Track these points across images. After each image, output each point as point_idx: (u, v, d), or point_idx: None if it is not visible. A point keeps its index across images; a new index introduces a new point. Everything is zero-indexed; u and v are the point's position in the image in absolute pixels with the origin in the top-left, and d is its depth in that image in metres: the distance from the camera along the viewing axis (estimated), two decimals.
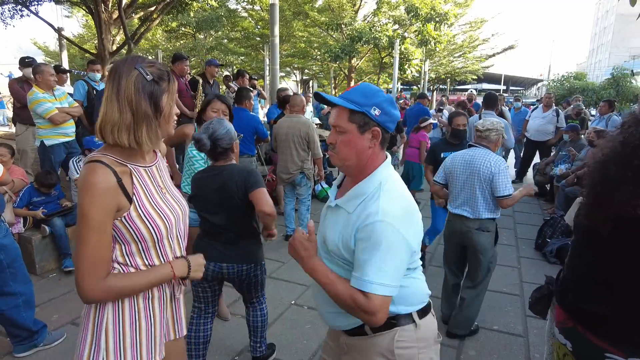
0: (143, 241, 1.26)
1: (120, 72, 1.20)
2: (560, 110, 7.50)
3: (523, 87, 54.10)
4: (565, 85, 25.75)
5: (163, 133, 1.29)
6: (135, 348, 1.29)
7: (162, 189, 1.36)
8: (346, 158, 1.32)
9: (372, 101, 1.27)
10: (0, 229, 2.52)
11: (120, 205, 1.20)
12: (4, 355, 2.67)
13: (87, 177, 1.17)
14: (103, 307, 1.25)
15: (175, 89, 1.29)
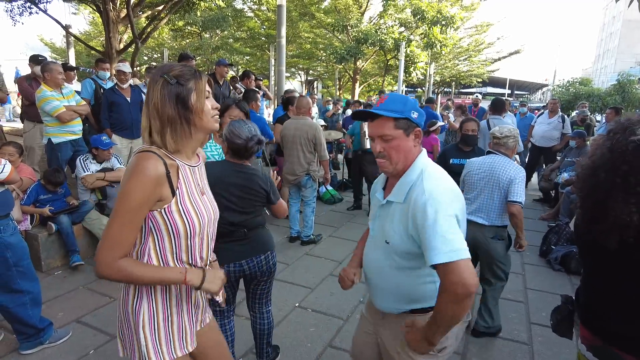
0: (177, 236, 1.34)
1: (151, 82, 1.31)
2: (565, 116, 7.48)
3: (528, 91, 53.96)
4: (570, 90, 25.69)
5: (202, 129, 1.37)
6: (170, 339, 1.40)
7: (201, 189, 1.44)
8: (398, 161, 1.49)
9: (409, 106, 1.46)
10: (8, 227, 2.54)
11: (163, 196, 1.28)
12: (11, 352, 2.69)
13: (140, 162, 1.25)
14: (139, 305, 1.35)
15: (204, 86, 1.35)
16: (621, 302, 1.39)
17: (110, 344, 2.81)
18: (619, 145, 1.31)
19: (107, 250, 1.24)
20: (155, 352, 1.37)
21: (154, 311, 1.37)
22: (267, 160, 6.17)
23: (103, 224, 4.00)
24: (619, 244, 1.31)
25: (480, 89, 39.87)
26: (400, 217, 1.47)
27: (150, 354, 1.37)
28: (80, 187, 4.16)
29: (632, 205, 1.26)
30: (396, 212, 1.49)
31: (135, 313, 1.35)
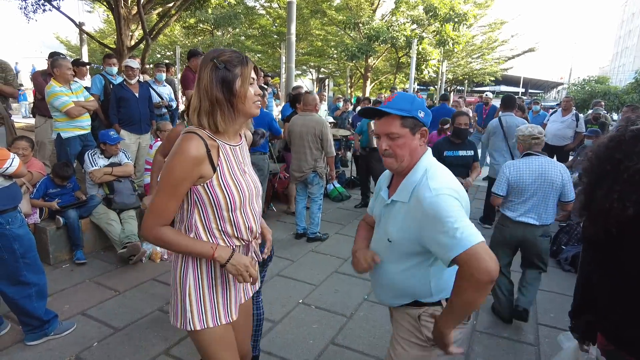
0: (218, 208, 1.44)
1: (201, 65, 1.41)
2: (580, 114, 7.32)
3: (542, 90, 53.08)
4: (586, 88, 25.20)
5: (244, 113, 1.46)
6: (215, 307, 1.51)
7: (243, 168, 1.54)
8: (403, 159, 1.49)
9: (416, 106, 1.48)
10: (16, 220, 2.57)
11: (204, 173, 1.39)
12: (16, 343, 2.73)
13: (183, 142, 1.37)
14: (186, 273, 1.48)
15: (250, 73, 1.43)
16: (619, 300, 1.37)
17: (113, 337, 2.83)
18: (618, 135, 1.33)
19: (150, 217, 1.39)
20: (200, 319, 1.48)
21: (199, 280, 1.49)
22: (274, 157, 6.17)
23: (110, 219, 4.04)
24: (605, 236, 1.31)
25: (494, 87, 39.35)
26: (405, 217, 1.47)
27: (195, 319, 1.48)
28: (88, 181, 4.20)
29: (615, 192, 1.26)
30: (400, 212, 1.50)
31: (183, 281, 1.48)
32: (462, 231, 1.28)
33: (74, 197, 4.11)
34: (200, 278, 1.49)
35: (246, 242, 1.56)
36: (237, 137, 1.55)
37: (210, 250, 1.42)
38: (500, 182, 3.09)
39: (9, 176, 2.49)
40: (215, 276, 1.51)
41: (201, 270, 1.49)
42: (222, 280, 1.54)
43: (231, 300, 1.57)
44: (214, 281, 1.51)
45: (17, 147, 3.58)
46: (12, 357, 2.59)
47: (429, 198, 1.37)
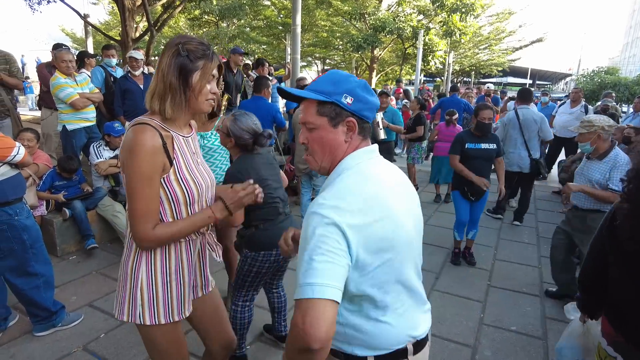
0: (177, 203, 1.39)
1: (166, 48, 1.35)
2: (589, 106, 7.21)
3: (550, 81, 52.48)
4: (595, 80, 24.84)
5: (193, 108, 1.39)
6: (168, 304, 1.46)
7: (197, 159, 1.49)
8: (321, 158, 1.15)
9: (342, 88, 1.10)
10: (23, 211, 2.58)
11: (164, 165, 1.33)
12: (25, 334, 2.75)
13: (137, 137, 1.28)
14: (138, 267, 1.42)
15: (211, 70, 1.37)
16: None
17: (120, 329, 2.84)
18: None
19: (139, 225, 1.31)
20: (151, 314, 1.43)
21: (152, 275, 1.43)
22: (280, 150, 6.15)
23: (116, 210, 4.05)
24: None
25: (501, 78, 38.94)
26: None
27: (145, 314, 1.43)
28: (94, 173, 4.21)
29: None
30: None
31: (135, 274, 1.42)
32: (311, 274, 0.93)
33: (80, 189, 4.12)
34: (154, 273, 1.43)
35: (201, 234, 1.57)
36: (187, 127, 1.50)
37: (210, 214, 1.43)
38: (618, 179, 2.92)
39: (15, 165, 2.50)
40: (170, 272, 1.46)
41: (155, 266, 1.43)
42: (177, 277, 1.48)
43: (185, 297, 1.52)
44: (168, 277, 1.46)
45: (22, 139, 3.59)
46: (20, 348, 2.61)
47: (310, 209, 1.03)
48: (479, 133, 3.83)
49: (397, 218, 1.07)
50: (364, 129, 1.15)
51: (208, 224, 1.43)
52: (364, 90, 1.13)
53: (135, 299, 1.42)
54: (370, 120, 1.15)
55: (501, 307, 3.30)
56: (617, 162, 2.97)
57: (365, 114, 1.13)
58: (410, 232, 1.12)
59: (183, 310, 1.52)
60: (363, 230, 1.00)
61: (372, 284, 1.05)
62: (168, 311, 1.47)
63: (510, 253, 4.38)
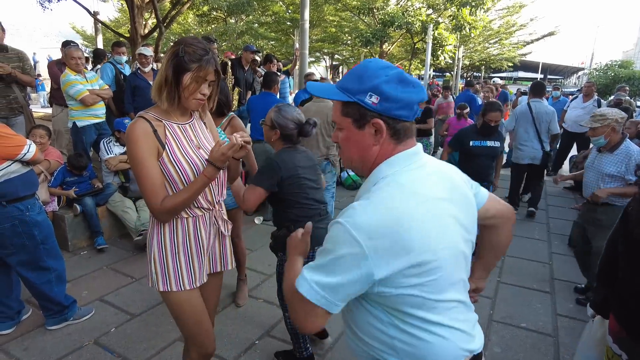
0: (173, 182, 1.54)
1: (172, 46, 1.51)
2: (602, 100, 7.09)
3: (562, 76, 51.71)
4: (608, 73, 24.43)
5: (183, 105, 1.55)
6: (178, 273, 1.62)
7: (195, 144, 1.61)
8: (350, 158, 1.10)
9: (367, 85, 0.98)
10: (35, 207, 2.61)
11: (158, 149, 1.50)
12: (38, 327, 2.80)
13: (130, 128, 1.49)
14: (151, 241, 1.62)
15: (204, 75, 1.49)
16: None
17: (130, 323, 2.87)
18: None
19: (149, 201, 1.49)
20: (164, 282, 1.61)
21: (162, 245, 1.60)
22: None
23: (126, 206, 4.08)
24: None
25: (511, 73, 38.50)
26: None
27: (159, 282, 1.61)
28: (104, 169, 4.25)
29: None
30: None
31: (150, 245, 1.63)
32: (315, 272, 0.96)
33: (90, 185, 4.16)
34: (164, 243, 1.61)
35: (206, 210, 1.68)
36: (185, 116, 1.63)
37: (204, 180, 1.51)
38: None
39: (26, 163, 2.53)
40: (177, 244, 1.62)
41: (164, 236, 1.60)
42: (184, 249, 1.63)
43: (194, 267, 1.66)
44: (176, 249, 1.62)
45: (34, 135, 3.63)
46: (33, 341, 2.66)
47: (334, 222, 0.99)
48: (484, 131, 3.80)
49: (438, 237, 0.97)
50: (398, 130, 1.01)
51: (205, 184, 1.53)
52: (396, 85, 0.98)
53: (151, 268, 1.63)
54: (407, 118, 1.01)
55: (511, 304, 3.27)
56: (631, 154, 2.94)
57: (397, 113, 0.99)
58: (458, 245, 1.03)
59: (194, 279, 1.65)
60: (393, 253, 0.92)
61: (414, 302, 0.98)
62: (179, 279, 1.62)
63: (520, 249, 4.34)
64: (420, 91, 1.01)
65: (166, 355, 2.55)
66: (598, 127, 3.03)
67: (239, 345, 2.68)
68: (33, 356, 2.52)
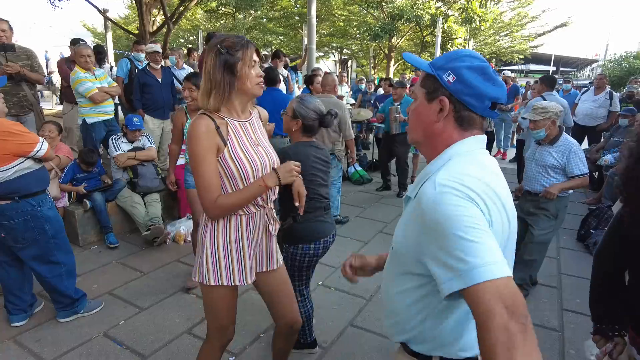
0: (233, 178, 1.59)
1: (208, 51, 1.56)
2: (614, 92, 6.96)
3: (575, 68, 50.77)
4: (623, 65, 23.95)
5: (246, 93, 1.60)
6: (229, 269, 1.66)
7: (254, 141, 1.67)
8: (412, 129, 1.12)
9: (450, 65, 1.01)
10: (46, 202, 2.67)
11: (218, 145, 1.55)
12: (49, 319, 2.87)
13: (193, 125, 1.54)
14: (204, 236, 1.66)
15: (251, 56, 1.55)
16: None
17: (138, 316, 2.93)
18: None
19: (204, 197, 1.55)
20: (215, 276, 1.65)
21: (215, 240, 1.64)
22: None
23: (135, 202, 4.14)
24: None
25: (523, 66, 37.91)
26: (407, 220, 1.06)
27: (210, 276, 1.65)
28: (113, 165, 4.31)
29: None
30: (408, 210, 1.08)
31: (202, 239, 1.67)
32: (473, 256, 0.83)
33: (100, 181, 4.24)
34: (216, 239, 1.65)
35: (261, 207, 1.71)
36: (246, 113, 1.69)
37: (261, 187, 1.59)
38: (585, 160, 3.09)
39: (38, 160, 2.59)
40: (230, 241, 1.65)
41: (217, 230, 1.65)
42: (237, 246, 1.67)
43: (246, 265, 1.69)
44: (228, 245, 1.65)
45: (44, 130, 3.71)
46: (45, 333, 2.73)
47: (429, 195, 0.93)
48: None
49: (508, 214, 1.00)
50: (465, 117, 1.03)
51: (261, 192, 1.60)
52: (476, 73, 1.00)
53: (202, 262, 1.66)
54: (474, 108, 1.02)
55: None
56: (571, 148, 3.05)
57: (466, 100, 1.01)
58: (514, 230, 1.05)
59: (245, 277, 1.70)
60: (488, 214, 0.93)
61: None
62: (230, 275, 1.66)
63: None
64: (499, 90, 1.03)
65: (173, 348, 2.61)
66: (540, 120, 3.09)
67: (246, 336, 2.72)
68: (45, 347, 2.59)
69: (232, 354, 2.56)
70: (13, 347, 2.59)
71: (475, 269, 0.82)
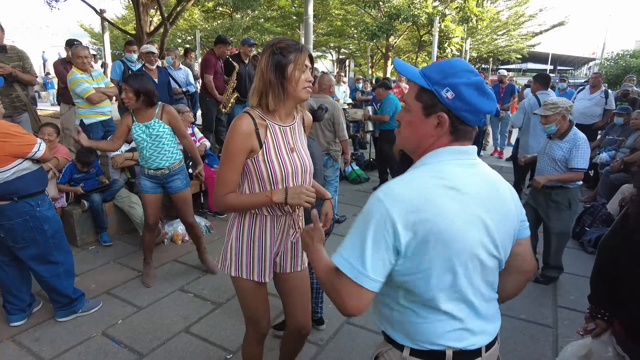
0: (262, 180, 1.63)
1: (263, 51, 1.59)
2: (609, 91, 7.01)
3: (572, 66, 50.88)
4: (620, 63, 24.03)
5: (293, 97, 1.60)
6: (250, 264, 1.73)
7: (290, 146, 1.68)
8: (405, 141, 1.15)
9: (448, 81, 1.03)
10: (45, 202, 2.69)
11: (253, 147, 1.58)
12: (48, 319, 2.89)
13: (235, 122, 1.57)
14: (231, 229, 1.75)
15: (303, 60, 1.56)
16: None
17: (137, 315, 2.96)
18: None
19: (217, 188, 1.62)
20: (236, 268, 1.73)
21: (240, 234, 1.72)
22: None
23: (132, 202, 4.16)
24: None
25: (520, 65, 38.02)
26: None
27: (232, 267, 1.74)
28: (110, 166, 4.33)
29: None
30: None
31: (229, 231, 1.76)
32: (345, 247, 1.04)
33: (97, 181, 4.25)
34: (242, 232, 1.71)
35: (287, 212, 1.73)
36: (289, 118, 1.70)
37: (266, 198, 1.60)
38: (588, 156, 3.16)
39: (36, 161, 2.61)
40: (254, 237, 1.71)
41: (244, 225, 1.71)
42: (259, 243, 1.72)
43: (265, 262, 1.75)
44: (251, 242, 1.71)
45: (42, 133, 3.73)
46: (44, 332, 2.75)
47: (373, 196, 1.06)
48: None
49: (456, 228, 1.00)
50: (460, 130, 1.07)
51: (266, 203, 1.61)
52: (474, 90, 1.04)
53: (226, 253, 1.76)
54: (470, 123, 1.07)
55: None
56: (577, 141, 3.14)
57: (464, 115, 1.05)
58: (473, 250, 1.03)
59: (263, 274, 1.75)
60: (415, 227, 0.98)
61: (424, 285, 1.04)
62: (250, 269, 1.73)
63: None
64: (492, 104, 1.07)
65: (171, 346, 2.63)
66: (550, 115, 3.20)
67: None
68: (44, 347, 2.61)
69: (228, 352, 2.58)
70: (12, 347, 2.61)
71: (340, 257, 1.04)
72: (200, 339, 2.70)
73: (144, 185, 3.23)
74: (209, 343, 2.66)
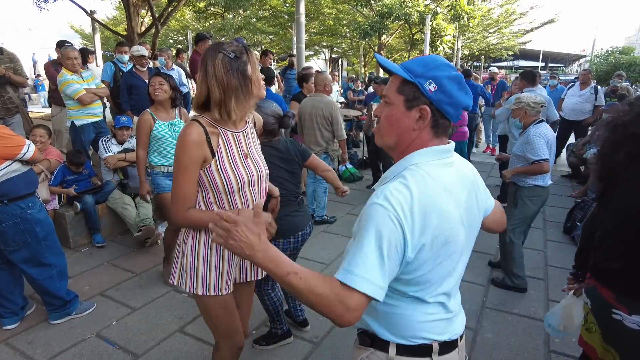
0: (217, 191, 1.54)
1: (208, 58, 1.46)
2: (599, 87, 7.09)
3: (563, 64, 51.27)
4: (609, 60, 24.27)
5: (256, 96, 1.55)
6: (206, 278, 1.62)
7: (244, 153, 1.60)
8: (386, 135, 1.12)
9: (431, 74, 1.04)
10: (35, 205, 2.68)
11: (205, 157, 1.49)
12: (42, 321, 2.87)
13: (185, 131, 1.48)
14: (185, 241, 1.63)
15: (255, 59, 1.52)
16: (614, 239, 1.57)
17: (131, 316, 2.95)
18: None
19: (175, 204, 1.52)
20: (191, 284, 1.62)
21: (196, 249, 1.61)
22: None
23: (125, 203, 4.15)
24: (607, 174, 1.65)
25: (512, 62, 38.24)
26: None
27: (187, 283, 1.62)
28: (103, 167, 4.31)
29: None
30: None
31: (183, 245, 1.64)
32: (350, 261, 0.98)
33: (90, 183, 4.23)
34: (198, 248, 1.61)
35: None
36: (242, 122, 1.62)
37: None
38: (543, 147, 3.13)
39: (26, 162, 2.59)
40: (211, 248, 1.61)
41: (199, 241, 1.61)
42: (217, 252, 1.63)
43: (223, 274, 1.64)
44: (209, 252, 1.61)
45: (34, 135, 3.70)
46: (37, 335, 2.74)
47: (370, 203, 1.03)
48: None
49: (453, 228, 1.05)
50: (440, 124, 1.08)
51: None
52: (454, 84, 1.05)
53: (181, 268, 1.64)
54: (450, 117, 1.07)
55: (504, 291, 3.33)
56: (528, 136, 3.18)
57: (446, 109, 1.05)
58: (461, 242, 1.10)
59: (220, 287, 1.64)
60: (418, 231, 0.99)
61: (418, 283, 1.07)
62: (206, 284, 1.62)
63: None
64: (469, 99, 1.09)
65: (165, 347, 2.63)
66: (515, 109, 3.30)
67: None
68: (37, 349, 2.60)
69: None
70: (5, 350, 2.60)
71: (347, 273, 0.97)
72: (195, 339, 2.71)
73: (164, 185, 3.17)
74: (203, 342, 2.66)
